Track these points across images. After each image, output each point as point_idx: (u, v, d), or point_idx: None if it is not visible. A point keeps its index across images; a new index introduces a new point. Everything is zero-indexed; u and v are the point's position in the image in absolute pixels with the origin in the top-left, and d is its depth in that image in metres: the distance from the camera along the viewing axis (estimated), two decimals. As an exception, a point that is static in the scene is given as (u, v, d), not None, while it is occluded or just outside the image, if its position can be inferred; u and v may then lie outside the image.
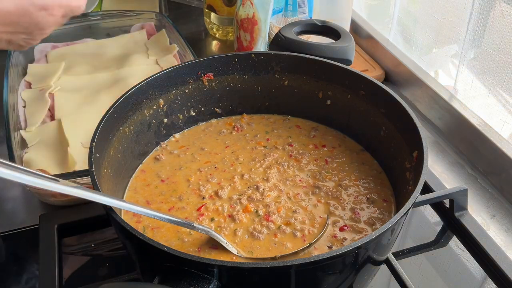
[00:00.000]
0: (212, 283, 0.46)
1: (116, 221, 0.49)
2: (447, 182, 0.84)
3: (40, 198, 0.79)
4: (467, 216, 0.75)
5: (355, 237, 0.60)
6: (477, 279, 0.69)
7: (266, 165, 0.71)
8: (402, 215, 0.50)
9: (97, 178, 0.55)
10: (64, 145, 0.81)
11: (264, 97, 0.79)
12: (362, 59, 1.13)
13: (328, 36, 0.80)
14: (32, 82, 0.97)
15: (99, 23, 1.14)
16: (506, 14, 0.84)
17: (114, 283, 0.62)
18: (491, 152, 0.84)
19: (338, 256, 0.47)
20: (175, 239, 0.60)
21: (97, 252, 0.73)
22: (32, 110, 0.89)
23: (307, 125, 0.79)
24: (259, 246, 0.59)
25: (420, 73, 1.01)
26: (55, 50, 1.07)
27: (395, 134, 0.66)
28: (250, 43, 1.02)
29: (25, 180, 0.41)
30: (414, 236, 0.76)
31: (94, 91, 0.94)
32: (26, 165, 0.77)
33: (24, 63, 1.03)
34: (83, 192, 0.46)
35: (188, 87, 0.74)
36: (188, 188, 0.67)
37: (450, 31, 0.99)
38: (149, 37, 1.13)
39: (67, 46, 1.09)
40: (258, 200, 0.65)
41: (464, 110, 0.91)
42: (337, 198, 0.65)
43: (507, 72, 0.85)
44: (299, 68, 0.75)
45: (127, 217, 0.62)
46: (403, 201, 0.54)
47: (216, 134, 0.77)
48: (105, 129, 0.62)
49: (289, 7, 1.04)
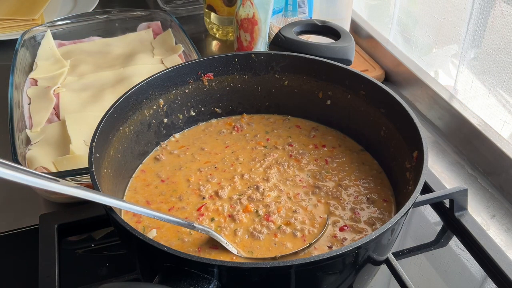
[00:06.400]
0: (212, 283, 0.46)
1: (116, 221, 0.49)
2: (447, 182, 0.84)
3: (42, 196, 0.79)
4: (467, 216, 0.75)
5: (355, 237, 0.60)
6: (477, 279, 0.69)
7: (266, 165, 0.71)
8: (402, 215, 0.50)
9: (97, 178, 0.55)
10: (67, 143, 0.81)
11: (264, 97, 0.79)
12: (362, 59, 1.13)
13: (328, 36, 0.80)
14: (38, 79, 0.97)
15: (106, 22, 1.14)
16: (506, 14, 0.84)
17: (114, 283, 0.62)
18: (491, 152, 0.84)
19: (338, 256, 0.47)
20: (175, 239, 0.60)
21: (97, 252, 0.73)
22: (37, 108, 0.90)
23: (307, 125, 0.79)
24: (259, 246, 0.59)
25: (420, 73, 1.01)
26: (62, 48, 1.08)
27: (395, 134, 0.66)
28: (250, 43, 1.02)
29: (25, 180, 0.41)
30: (414, 236, 0.76)
31: (99, 89, 0.95)
32: (29, 162, 0.77)
33: (30, 60, 1.03)
34: (83, 192, 0.46)
35: (188, 87, 0.74)
36: (188, 188, 0.67)
37: (450, 31, 0.99)
38: (155, 36, 1.13)
39: (74, 44, 1.10)
40: (258, 200, 0.65)
41: (464, 110, 0.91)
42: (337, 198, 0.65)
43: (507, 72, 0.85)
44: (299, 68, 0.75)
45: (127, 217, 0.62)
46: (403, 201, 0.54)
47: (216, 134, 0.77)
48: (105, 129, 0.62)
49: (289, 7, 1.04)
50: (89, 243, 0.74)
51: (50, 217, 0.71)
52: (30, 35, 1.06)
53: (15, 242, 0.75)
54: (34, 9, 1.28)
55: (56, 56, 1.04)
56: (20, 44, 1.02)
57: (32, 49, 1.05)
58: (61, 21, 1.11)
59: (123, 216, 0.61)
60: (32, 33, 1.07)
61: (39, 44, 1.05)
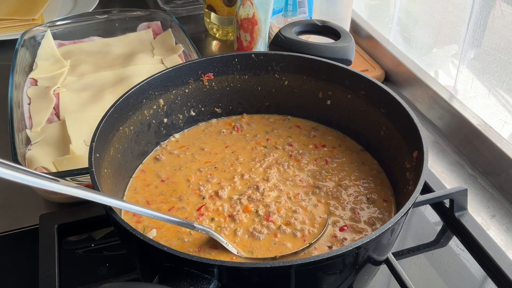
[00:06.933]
0: (212, 283, 0.46)
1: (116, 221, 0.49)
2: (447, 182, 0.84)
3: (42, 195, 0.79)
4: (467, 216, 0.75)
5: (355, 237, 0.60)
6: (477, 279, 0.69)
7: (266, 165, 0.71)
8: (402, 215, 0.50)
9: (97, 178, 0.55)
10: (67, 143, 0.81)
11: (264, 97, 0.79)
12: (362, 59, 1.13)
13: (328, 36, 0.80)
14: (38, 79, 0.98)
15: (106, 22, 1.14)
16: (506, 14, 0.84)
17: (114, 283, 0.62)
18: (491, 152, 0.84)
19: (338, 256, 0.47)
20: (175, 239, 0.60)
21: (97, 252, 0.73)
22: (37, 108, 0.90)
23: (307, 125, 0.79)
24: (259, 246, 0.59)
25: (420, 73, 1.01)
26: (62, 47, 1.08)
27: (395, 134, 0.66)
28: (250, 43, 1.02)
29: (25, 180, 0.41)
30: (414, 236, 0.76)
31: (99, 89, 0.95)
32: (29, 162, 0.77)
33: (30, 60, 1.03)
34: (83, 192, 0.46)
35: (188, 87, 0.74)
36: (188, 188, 0.67)
37: (450, 31, 0.99)
38: (155, 36, 1.13)
39: (74, 44, 1.10)
40: (258, 200, 0.65)
41: (464, 110, 0.91)
42: (337, 198, 0.65)
43: (507, 72, 0.85)
44: (299, 68, 0.75)
45: (127, 217, 0.62)
46: (403, 201, 0.54)
47: (216, 134, 0.77)
48: (105, 129, 0.62)
49: (289, 7, 1.04)
50: (89, 243, 0.74)
51: (50, 217, 0.71)
52: (30, 35, 1.06)
53: (15, 242, 0.75)
54: (34, 9, 1.28)
55: (56, 56, 1.04)
56: (20, 44, 1.02)
57: (32, 49, 1.05)
58: (61, 21, 1.12)
59: (123, 216, 0.61)
60: (32, 33, 1.07)
61: (39, 44, 1.06)
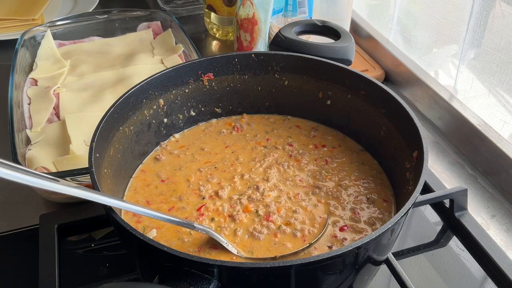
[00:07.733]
0: (212, 283, 0.46)
1: (116, 221, 0.49)
2: (447, 182, 0.84)
3: (42, 195, 0.79)
4: (467, 216, 0.75)
5: (355, 237, 0.60)
6: (477, 279, 0.69)
7: (266, 165, 0.71)
8: (402, 215, 0.50)
9: (97, 178, 0.55)
10: (67, 143, 0.81)
11: (264, 97, 0.79)
12: (362, 59, 1.13)
13: (328, 36, 0.80)
14: (38, 79, 0.97)
15: (106, 22, 1.14)
16: (506, 14, 0.84)
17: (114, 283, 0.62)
18: (491, 152, 0.84)
19: (338, 256, 0.47)
20: (175, 239, 0.60)
21: (97, 252, 0.73)
22: (37, 108, 0.90)
23: (307, 125, 0.79)
24: (259, 246, 0.59)
25: (420, 73, 1.01)
26: (62, 48, 1.08)
27: (395, 134, 0.66)
28: (250, 43, 1.02)
29: (25, 180, 0.41)
30: (414, 236, 0.76)
31: (99, 89, 0.95)
32: (29, 162, 0.77)
33: (30, 60, 1.03)
34: (83, 192, 0.46)
35: (188, 87, 0.74)
36: (188, 188, 0.67)
37: (450, 31, 0.99)
38: (155, 36, 1.13)
39: (74, 44, 1.10)
40: (258, 200, 0.65)
41: (464, 110, 0.91)
42: (337, 198, 0.65)
43: (507, 72, 0.85)
44: (299, 68, 0.75)
45: (127, 217, 0.62)
46: (403, 201, 0.54)
47: (216, 134, 0.77)
48: (105, 129, 0.62)
49: (289, 7, 1.04)
50: (89, 243, 0.74)
51: (50, 217, 0.71)
52: (30, 35, 1.06)
53: (15, 242, 0.75)
54: (34, 9, 1.28)
55: (56, 56, 1.04)
56: (20, 44, 1.02)
57: (32, 49, 1.05)
58: (61, 21, 1.12)
59: (123, 216, 0.61)
60: (32, 33, 1.07)
61: (39, 44, 1.06)
